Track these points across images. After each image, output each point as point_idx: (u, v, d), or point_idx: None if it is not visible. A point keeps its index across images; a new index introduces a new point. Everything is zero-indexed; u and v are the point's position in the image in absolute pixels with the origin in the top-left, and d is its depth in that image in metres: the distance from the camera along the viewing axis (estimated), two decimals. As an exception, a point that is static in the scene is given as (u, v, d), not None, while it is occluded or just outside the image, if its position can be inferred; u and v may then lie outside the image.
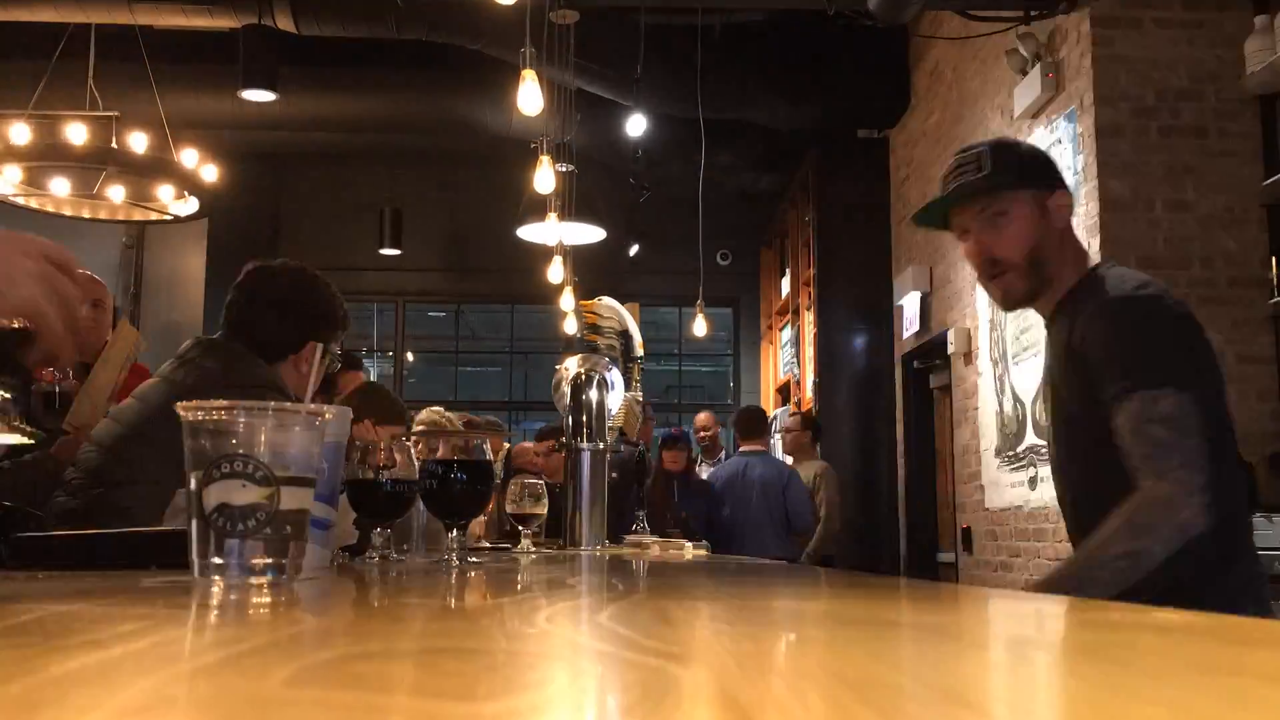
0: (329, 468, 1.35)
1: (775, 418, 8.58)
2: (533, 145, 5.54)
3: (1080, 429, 1.94)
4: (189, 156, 6.18)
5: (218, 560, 0.96)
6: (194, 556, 0.97)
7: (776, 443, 7.77)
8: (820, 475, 6.36)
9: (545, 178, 5.22)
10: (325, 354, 2.20)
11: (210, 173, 6.27)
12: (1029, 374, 5.53)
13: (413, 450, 1.58)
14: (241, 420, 0.98)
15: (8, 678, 0.45)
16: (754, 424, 6.49)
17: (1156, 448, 1.74)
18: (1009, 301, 2.04)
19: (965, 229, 2.02)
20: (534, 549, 2.34)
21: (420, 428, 4.68)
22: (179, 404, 0.99)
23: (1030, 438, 5.50)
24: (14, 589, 0.97)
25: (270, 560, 0.97)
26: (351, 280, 10.85)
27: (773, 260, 10.50)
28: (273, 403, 1.00)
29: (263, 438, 0.97)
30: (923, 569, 7.17)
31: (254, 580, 0.96)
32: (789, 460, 6.76)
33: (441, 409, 5.12)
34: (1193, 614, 0.76)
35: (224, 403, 0.98)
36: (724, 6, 7.03)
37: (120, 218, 6.85)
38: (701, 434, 7.04)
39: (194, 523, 0.97)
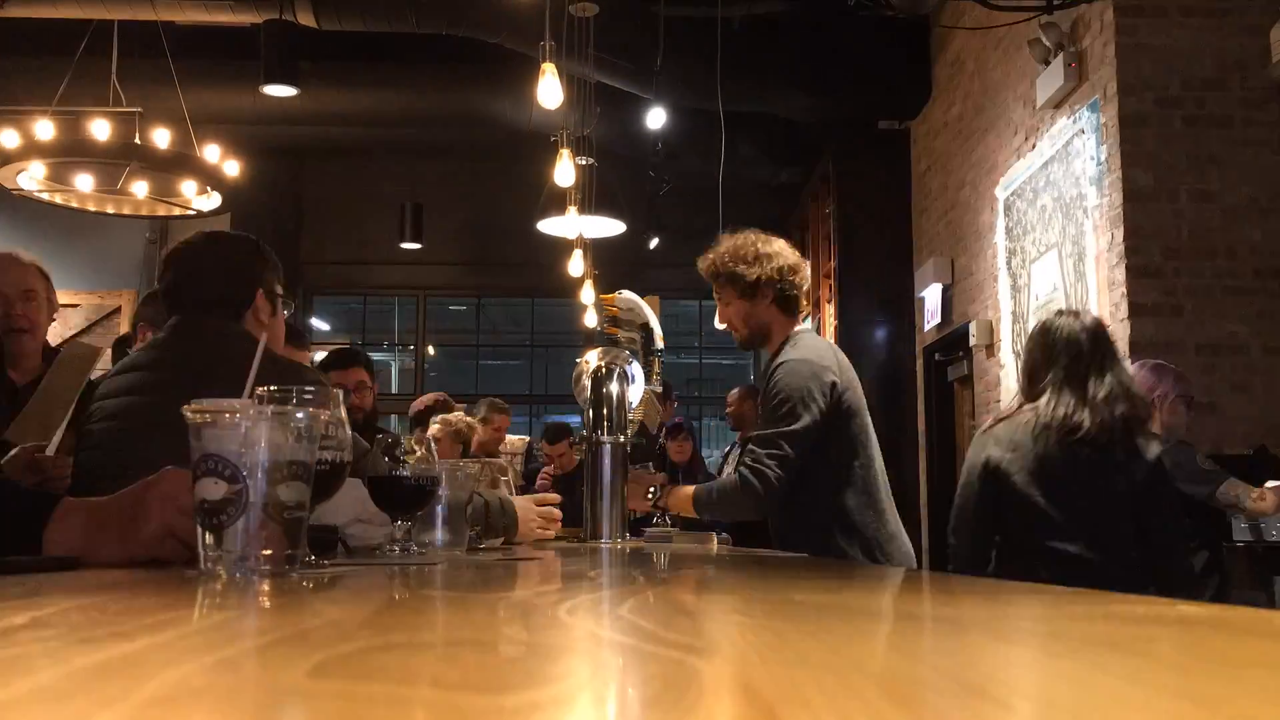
0: None
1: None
2: (552, 139, 5.54)
3: None
4: (211, 152, 6.22)
5: (213, 553, 0.99)
6: (199, 549, 1.02)
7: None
8: None
9: (565, 171, 5.23)
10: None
11: (232, 168, 6.31)
12: (1052, 366, 5.49)
13: (434, 445, 1.59)
14: (225, 418, 1.00)
15: (35, 670, 0.45)
16: None
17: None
18: None
19: None
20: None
21: (435, 427, 4.68)
22: (186, 408, 1.01)
23: (1053, 430, 5.45)
24: (38, 582, 0.98)
25: (261, 554, 0.99)
26: (373, 274, 10.90)
27: (793, 253, 10.45)
28: (270, 406, 1.04)
29: (241, 434, 0.99)
30: (944, 561, 7.14)
31: (248, 573, 0.98)
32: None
33: (461, 414, 5.10)
34: (1216, 607, 0.76)
35: (209, 404, 1.01)
36: (744, -2, 7.01)
37: (144, 213, 6.90)
38: None
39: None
